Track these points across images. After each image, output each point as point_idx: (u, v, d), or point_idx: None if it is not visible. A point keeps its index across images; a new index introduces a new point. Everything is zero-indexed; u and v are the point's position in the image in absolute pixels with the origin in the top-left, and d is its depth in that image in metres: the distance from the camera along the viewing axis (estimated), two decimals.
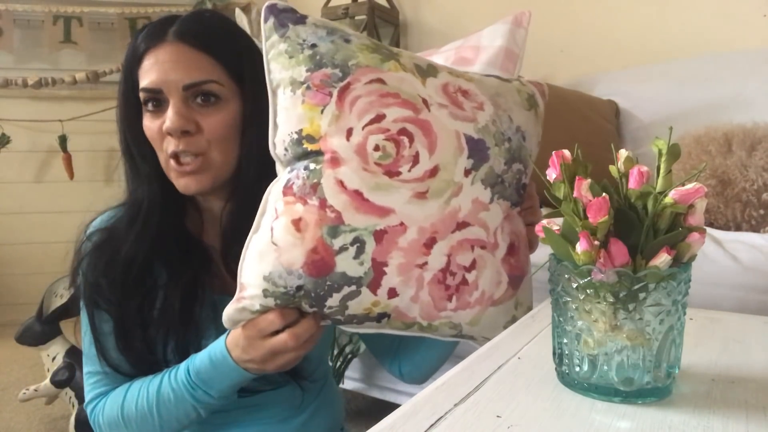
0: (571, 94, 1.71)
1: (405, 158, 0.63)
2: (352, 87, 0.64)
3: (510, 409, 0.55)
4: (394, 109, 0.64)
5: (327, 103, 0.63)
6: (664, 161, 0.57)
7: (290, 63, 0.66)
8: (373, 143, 0.62)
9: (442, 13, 2.35)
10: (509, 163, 0.69)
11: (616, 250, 0.54)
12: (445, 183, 0.64)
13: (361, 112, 0.63)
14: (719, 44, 1.80)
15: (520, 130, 0.72)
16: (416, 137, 0.64)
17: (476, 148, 0.66)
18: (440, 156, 0.64)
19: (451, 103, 0.68)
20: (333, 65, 0.65)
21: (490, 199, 0.66)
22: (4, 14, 2.71)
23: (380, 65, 0.66)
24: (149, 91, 0.76)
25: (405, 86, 0.66)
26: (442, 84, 0.69)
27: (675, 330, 0.57)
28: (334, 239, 0.61)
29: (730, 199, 1.21)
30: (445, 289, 0.64)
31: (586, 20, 2.05)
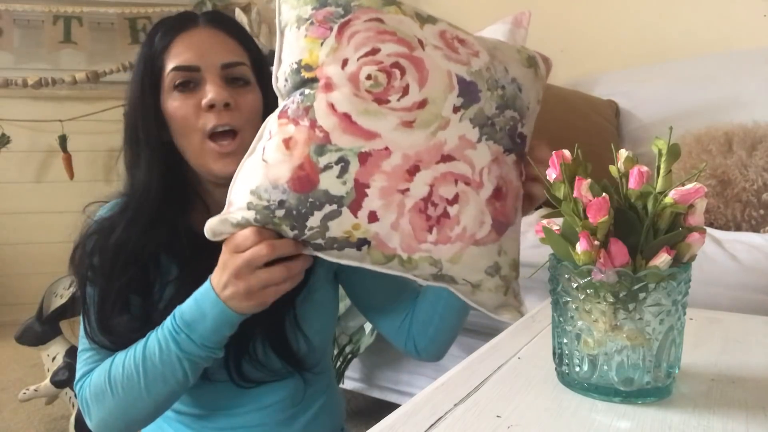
0: (571, 94, 1.71)
1: (395, 88, 0.65)
2: (352, 23, 0.68)
3: (510, 409, 0.55)
4: (390, 44, 0.67)
5: (327, 36, 0.67)
6: (664, 161, 0.57)
7: (298, 3, 0.71)
8: (366, 72, 0.66)
9: (442, 13, 2.34)
10: (501, 109, 0.70)
11: (616, 250, 0.54)
12: (433, 116, 0.66)
13: (358, 45, 0.66)
14: (719, 44, 1.80)
15: (516, 81, 0.73)
16: (408, 71, 0.67)
17: (467, 89, 0.68)
18: (430, 90, 0.67)
19: (446, 47, 0.70)
20: (336, 4, 0.69)
21: (478, 139, 0.67)
22: (4, 14, 2.71)
23: (381, 7, 0.70)
24: (186, 68, 0.78)
25: (403, 27, 0.69)
26: (440, 30, 0.73)
27: (675, 330, 0.57)
28: (320, 157, 0.63)
29: (730, 199, 1.21)
30: (426, 219, 0.65)
31: (586, 20, 2.05)
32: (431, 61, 0.68)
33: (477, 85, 0.68)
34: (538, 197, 0.73)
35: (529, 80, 0.75)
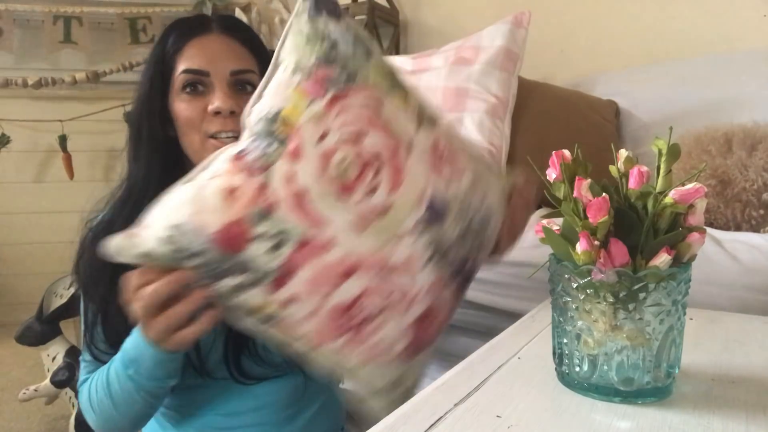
0: (571, 94, 1.71)
1: (363, 185, 0.61)
2: (349, 96, 0.63)
3: (510, 409, 0.55)
4: (377, 136, 0.63)
5: (317, 99, 0.62)
6: (664, 161, 0.57)
7: (305, 46, 0.65)
8: (341, 156, 0.61)
9: (442, 13, 2.35)
10: (463, 237, 0.67)
11: (616, 250, 0.54)
12: (390, 226, 0.62)
13: (345, 123, 0.62)
14: (719, 44, 1.80)
15: (489, 209, 0.71)
16: (383, 171, 0.62)
17: (436, 210, 0.64)
18: (397, 200, 0.62)
19: (433, 161, 0.66)
20: (342, 68, 0.64)
21: (428, 260, 0.64)
22: (4, 14, 2.71)
23: (386, 91, 0.65)
24: (196, 72, 0.80)
25: (398, 123, 0.65)
26: (434, 140, 0.68)
27: (675, 330, 0.57)
28: (258, 224, 0.58)
29: (730, 199, 1.21)
30: (343, 323, 0.61)
31: (586, 20, 2.05)
32: (411, 171, 0.64)
33: (447, 209, 0.65)
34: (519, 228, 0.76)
35: (502, 206, 0.74)
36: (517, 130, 1.56)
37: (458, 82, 1.55)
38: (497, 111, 1.52)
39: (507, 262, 1.18)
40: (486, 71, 1.55)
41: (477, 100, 1.52)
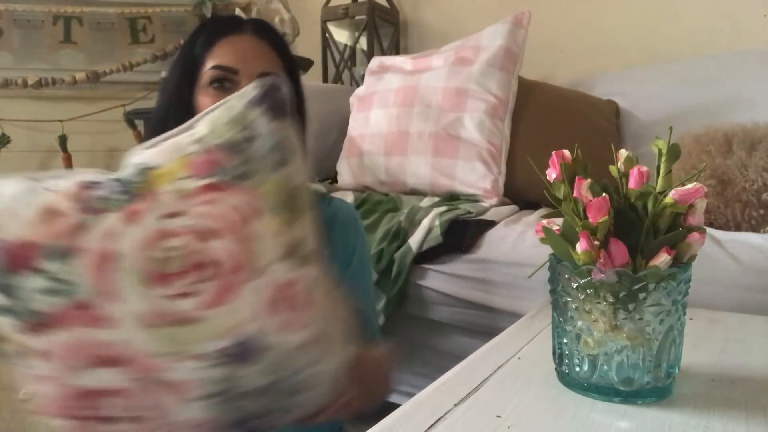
0: (571, 94, 1.71)
1: (181, 283, 0.55)
2: (228, 192, 0.57)
3: (510, 409, 0.55)
4: (227, 245, 0.56)
5: (195, 177, 0.57)
6: (664, 161, 0.57)
7: (223, 125, 0.60)
8: (177, 243, 0.55)
9: (442, 13, 2.35)
10: (257, 395, 0.59)
11: (616, 250, 0.54)
12: (184, 340, 0.56)
13: (204, 214, 0.56)
14: (719, 44, 1.80)
15: (306, 384, 0.61)
16: (211, 283, 0.55)
17: (246, 349, 0.57)
18: (208, 317, 0.55)
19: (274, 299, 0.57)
20: (239, 163, 0.58)
21: (206, 396, 0.57)
22: (4, 14, 2.71)
23: (270, 207, 0.58)
24: (226, 69, 0.82)
25: (262, 244, 0.58)
26: (290, 279, 0.59)
27: (675, 330, 0.57)
28: (51, 259, 0.53)
29: (730, 199, 1.21)
30: (77, 406, 0.56)
31: (586, 20, 2.05)
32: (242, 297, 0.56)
33: (260, 356, 0.57)
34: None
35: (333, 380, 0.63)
36: (517, 130, 1.56)
37: (458, 82, 1.55)
38: (497, 111, 1.52)
39: (507, 262, 1.19)
40: (486, 71, 1.55)
41: (477, 100, 1.52)
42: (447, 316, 1.27)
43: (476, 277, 1.21)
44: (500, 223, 1.29)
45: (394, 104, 1.60)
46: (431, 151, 1.50)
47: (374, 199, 1.50)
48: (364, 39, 2.31)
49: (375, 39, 2.29)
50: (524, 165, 1.51)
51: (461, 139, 1.49)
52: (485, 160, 1.47)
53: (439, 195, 1.51)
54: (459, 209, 1.36)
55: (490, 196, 1.46)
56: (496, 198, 1.46)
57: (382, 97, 1.65)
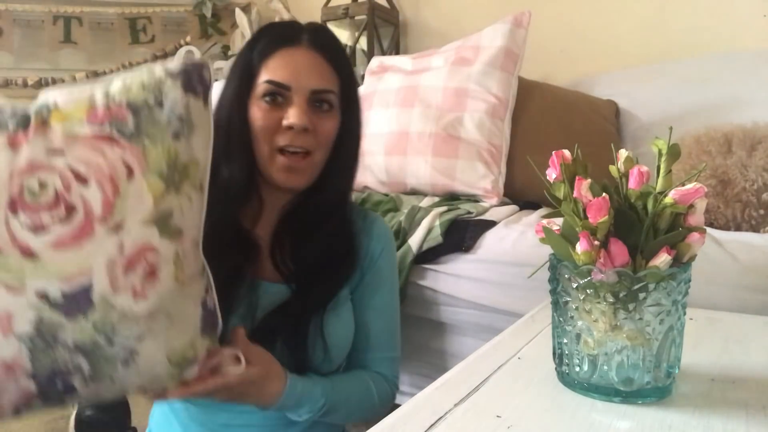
0: (571, 94, 1.71)
1: (35, 217, 0.56)
2: (115, 146, 0.58)
3: (510, 409, 0.55)
4: (98, 193, 0.57)
5: (91, 123, 0.58)
6: (664, 161, 0.57)
7: (137, 84, 0.61)
8: (47, 179, 0.56)
9: (442, 13, 2.35)
10: (77, 351, 0.57)
11: (616, 250, 0.54)
12: (17, 271, 0.56)
13: (83, 160, 0.57)
14: (719, 44, 1.80)
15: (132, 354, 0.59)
16: (68, 225, 0.56)
17: (77, 299, 0.56)
18: (52, 258, 0.56)
19: (127, 260, 0.58)
20: (137, 123, 0.59)
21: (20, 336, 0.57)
22: (4, 14, 2.71)
23: (151, 172, 0.59)
24: (278, 85, 0.82)
25: (132, 201, 0.58)
26: (150, 245, 0.59)
27: (675, 330, 0.57)
28: None
29: (730, 199, 1.21)
30: None
31: (586, 20, 2.05)
32: (93, 246, 0.56)
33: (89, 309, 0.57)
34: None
35: (151, 371, 0.62)
36: (517, 130, 1.56)
37: (458, 82, 1.55)
38: (497, 111, 1.52)
39: (507, 262, 1.19)
40: (486, 71, 1.55)
41: (477, 100, 1.52)
42: (447, 316, 1.27)
43: (476, 277, 1.21)
44: (500, 223, 1.29)
45: (394, 104, 1.60)
46: (431, 151, 1.50)
47: (374, 199, 1.50)
48: (364, 39, 2.31)
49: (375, 39, 2.29)
50: (524, 165, 1.51)
51: (461, 139, 1.49)
52: (485, 160, 1.47)
53: (439, 195, 1.51)
54: (459, 209, 1.36)
55: (490, 196, 1.46)
56: (496, 198, 1.46)
57: (382, 97, 1.64)
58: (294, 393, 0.76)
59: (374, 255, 0.91)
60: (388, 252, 0.94)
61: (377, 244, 0.92)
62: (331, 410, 0.80)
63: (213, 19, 2.77)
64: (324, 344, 0.82)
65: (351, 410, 0.83)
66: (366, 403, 0.85)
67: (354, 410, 0.84)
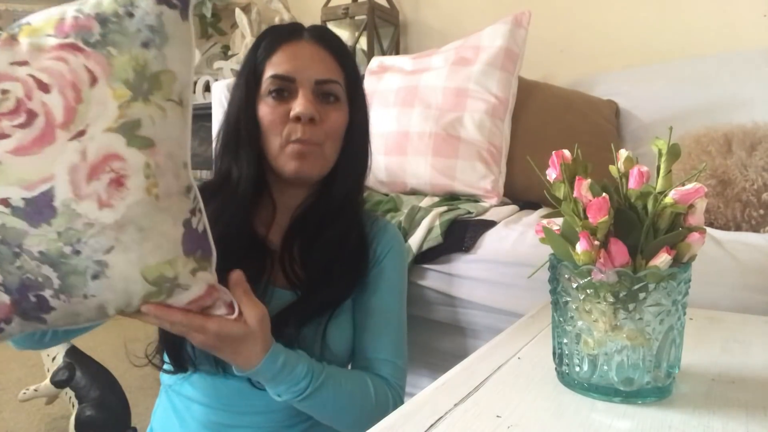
0: (571, 94, 1.71)
1: (13, 114, 0.56)
2: (79, 55, 0.58)
3: (510, 409, 0.55)
4: (59, 100, 0.57)
5: (57, 36, 0.59)
6: (664, 161, 0.57)
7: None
8: (9, 87, 0.56)
9: (442, 13, 2.35)
10: (43, 261, 0.56)
11: (616, 250, 0.54)
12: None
13: (45, 69, 0.57)
14: (719, 44, 1.80)
15: (102, 267, 0.58)
16: (28, 131, 0.56)
17: (39, 207, 0.55)
18: (12, 163, 0.55)
19: (90, 166, 0.56)
20: (103, 32, 0.59)
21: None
22: (4, 14, 2.71)
23: (115, 78, 0.58)
24: (283, 78, 0.83)
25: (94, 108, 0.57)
26: (115, 153, 0.57)
27: (675, 330, 0.57)
28: None
29: (730, 199, 1.21)
30: None
31: (586, 20, 2.05)
32: (54, 152, 0.56)
33: (52, 217, 0.56)
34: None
35: (125, 288, 0.60)
36: (517, 130, 1.56)
37: (458, 82, 1.55)
38: (497, 111, 1.52)
39: (507, 262, 1.19)
40: (486, 71, 1.55)
41: (477, 100, 1.52)
42: (447, 316, 1.27)
43: (476, 277, 1.22)
44: (500, 223, 1.29)
45: (394, 104, 1.60)
46: (431, 151, 1.50)
47: (374, 199, 1.50)
48: (364, 39, 2.31)
49: (375, 39, 2.29)
50: (524, 165, 1.51)
51: (461, 139, 1.49)
52: (485, 160, 1.47)
53: (439, 195, 1.51)
54: (459, 209, 1.36)
55: (490, 196, 1.46)
56: (496, 198, 1.46)
57: (382, 97, 1.65)
58: (274, 363, 0.72)
59: (378, 256, 0.91)
60: (394, 255, 0.92)
61: (384, 246, 0.91)
62: (316, 398, 0.75)
63: (213, 19, 2.77)
64: (330, 350, 0.83)
65: (342, 406, 0.79)
66: (361, 402, 0.80)
67: (346, 407, 0.79)
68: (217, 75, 2.58)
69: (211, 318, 0.65)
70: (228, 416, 0.82)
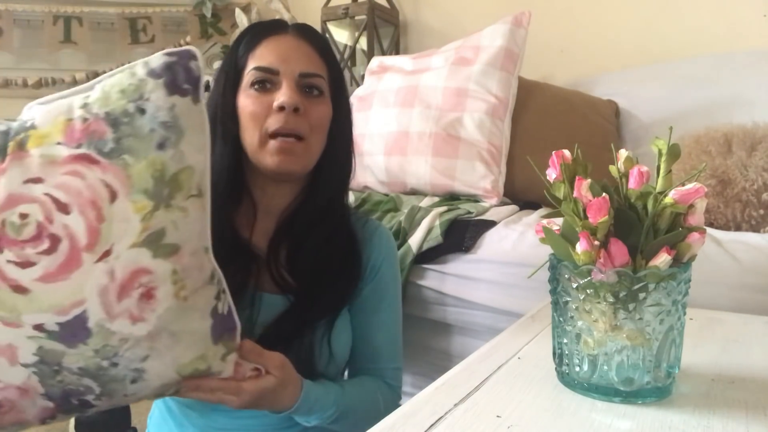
0: (571, 94, 1.71)
1: (20, 252, 0.54)
2: (95, 167, 0.56)
3: (510, 409, 0.55)
4: (81, 221, 0.54)
5: (67, 146, 0.56)
6: (664, 161, 0.57)
7: (115, 94, 0.58)
8: (27, 211, 0.54)
9: (442, 13, 2.35)
10: (83, 374, 0.57)
11: (616, 250, 0.54)
12: (11, 307, 0.55)
13: (62, 186, 0.55)
14: (719, 44, 1.80)
15: (140, 373, 0.59)
16: (54, 257, 0.54)
17: (74, 329, 0.55)
18: (43, 291, 0.55)
19: (120, 286, 0.56)
20: (116, 137, 0.56)
21: (26, 364, 0.56)
22: (4, 14, 2.71)
23: (135, 191, 0.56)
24: (266, 70, 0.82)
25: (117, 226, 0.56)
26: (141, 268, 0.56)
27: (675, 330, 0.57)
28: None
29: (730, 199, 1.21)
30: None
31: (586, 20, 2.04)
32: (83, 276, 0.55)
33: (88, 337, 0.56)
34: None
35: (162, 383, 0.61)
36: (517, 130, 1.56)
37: (458, 82, 1.55)
38: (497, 111, 1.52)
39: (507, 262, 1.19)
40: (486, 71, 1.55)
41: (477, 100, 1.52)
42: (447, 316, 1.27)
43: (476, 277, 1.21)
44: (500, 223, 1.29)
45: (394, 104, 1.60)
46: (431, 151, 1.50)
47: (374, 199, 1.50)
48: (364, 39, 2.31)
49: (375, 39, 2.29)
50: (524, 165, 1.51)
51: (461, 139, 1.49)
52: (485, 160, 1.47)
53: (439, 195, 1.51)
54: (459, 209, 1.36)
55: (490, 196, 1.46)
56: (496, 198, 1.46)
57: (382, 97, 1.64)
58: (308, 400, 0.75)
59: (375, 265, 0.89)
60: (390, 263, 0.92)
61: (378, 254, 0.90)
62: (341, 418, 0.79)
63: (213, 19, 2.77)
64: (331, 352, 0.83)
65: (358, 419, 0.82)
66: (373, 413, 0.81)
67: (360, 420, 0.81)
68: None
69: (244, 380, 0.68)
70: (224, 420, 0.81)
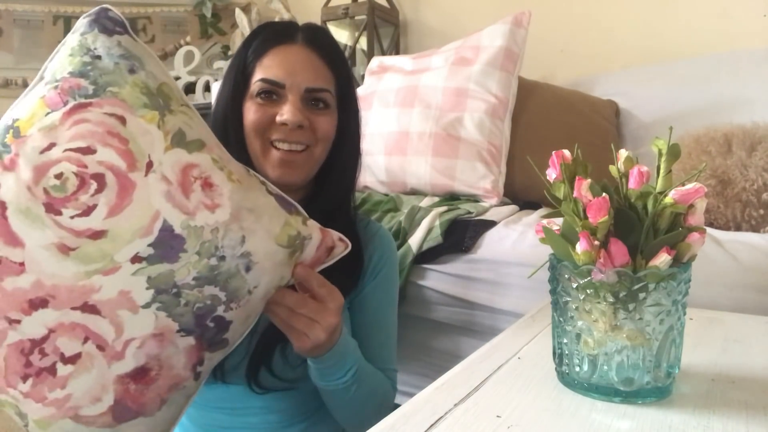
0: (571, 94, 1.71)
1: (77, 203, 0.55)
2: (89, 109, 0.58)
3: (510, 409, 0.55)
4: (110, 151, 0.56)
5: (56, 110, 0.58)
6: (664, 161, 0.57)
7: (66, 60, 0.62)
8: (59, 170, 0.55)
9: (442, 13, 2.35)
10: (201, 282, 0.56)
11: (616, 250, 0.54)
12: (101, 254, 0.54)
13: (76, 136, 0.57)
14: (719, 44, 1.80)
15: (248, 257, 0.59)
16: (108, 190, 0.55)
17: (167, 242, 0.55)
18: (117, 224, 0.55)
19: (179, 184, 0.58)
20: (92, 81, 0.60)
21: (146, 304, 0.55)
22: (4, 14, 2.71)
23: (136, 108, 0.60)
24: (273, 83, 0.82)
25: (142, 140, 0.58)
26: (187, 163, 0.59)
27: (675, 330, 0.57)
28: None
29: (730, 199, 1.21)
30: (25, 365, 0.53)
31: (586, 20, 2.04)
32: (143, 192, 0.56)
33: (183, 243, 0.56)
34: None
35: (273, 262, 0.62)
36: (517, 130, 1.56)
37: (458, 82, 1.55)
38: (497, 111, 1.52)
39: (507, 262, 1.19)
40: (486, 71, 1.55)
41: (477, 100, 1.52)
42: (447, 316, 1.27)
43: (476, 277, 1.21)
44: (500, 223, 1.29)
45: (394, 104, 1.60)
46: (431, 151, 1.50)
47: (374, 199, 1.50)
48: (364, 39, 2.31)
49: (375, 39, 2.29)
50: (524, 165, 1.51)
51: (461, 139, 1.49)
52: (485, 160, 1.47)
53: (439, 195, 1.51)
54: (459, 209, 1.36)
55: (490, 196, 1.46)
56: (496, 198, 1.46)
57: (382, 97, 1.64)
58: (346, 343, 0.74)
59: (375, 267, 0.90)
60: (391, 267, 0.92)
61: (380, 256, 0.90)
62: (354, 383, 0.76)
63: (213, 19, 2.77)
64: None
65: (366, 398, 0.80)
66: (380, 398, 0.83)
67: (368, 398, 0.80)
68: (217, 75, 2.58)
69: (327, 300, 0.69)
70: (225, 418, 0.82)
